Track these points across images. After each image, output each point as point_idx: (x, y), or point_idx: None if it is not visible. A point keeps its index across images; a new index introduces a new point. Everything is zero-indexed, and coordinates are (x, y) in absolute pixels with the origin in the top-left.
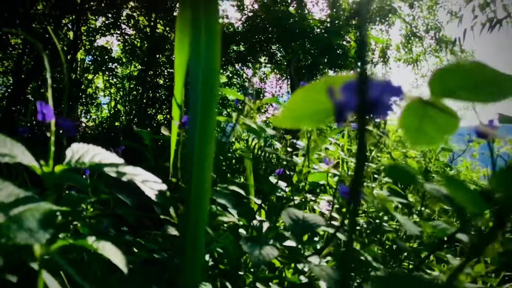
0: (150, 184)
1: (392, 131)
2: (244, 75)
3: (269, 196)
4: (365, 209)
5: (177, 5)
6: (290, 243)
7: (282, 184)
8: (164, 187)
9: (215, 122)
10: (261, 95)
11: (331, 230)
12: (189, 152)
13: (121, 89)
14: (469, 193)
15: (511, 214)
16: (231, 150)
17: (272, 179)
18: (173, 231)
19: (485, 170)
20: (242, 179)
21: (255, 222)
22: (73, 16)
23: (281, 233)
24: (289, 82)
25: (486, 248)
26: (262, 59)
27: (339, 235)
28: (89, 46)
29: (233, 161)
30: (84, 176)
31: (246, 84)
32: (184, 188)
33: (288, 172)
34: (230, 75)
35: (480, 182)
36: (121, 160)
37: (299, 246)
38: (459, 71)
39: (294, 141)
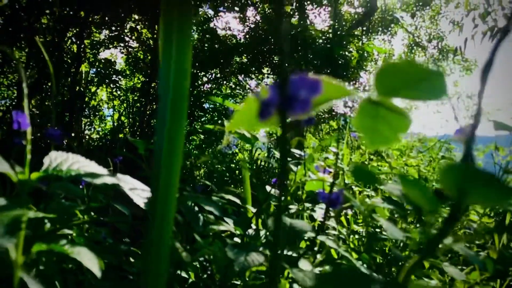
0: (138, 192)
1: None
2: (247, 86)
3: (262, 205)
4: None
5: None
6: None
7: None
8: (146, 194)
9: (183, 136)
10: None
11: (321, 237)
12: (156, 162)
13: (125, 101)
14: (424, 191)
15: (460, 210)
16: (234, 161)
17: (268, 188)
18: None
19: None
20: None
21: (250, 230)
22: (77, 29)
23: (270, 240)
24: None
25: (440, 245)
26: (265, 70)
27: (327, 241)
28: (93, 59)
29: (236, 171)
30: (81, 187)
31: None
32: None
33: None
34: (233, 86)
35: None
36: (103, 169)
37: (291, 253)
38: (396, 71)
39: (294, 150)
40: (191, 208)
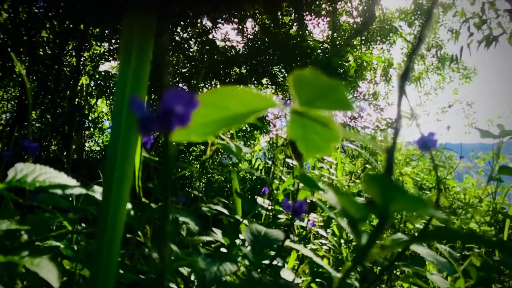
0: None
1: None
2: None
3: (248, 215)
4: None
5: (178, 30)
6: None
7: (267, 202)
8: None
9: (135, 150)
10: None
11: (295, 246)
12: (108, 173)
13: None
14: (352, 200)
15: (387, 218)
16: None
17: (259, 199)
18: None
19: (489, 187)
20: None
21: (238, 240)
22: (76, 42)
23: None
24: (292, 103)
25: (370, 252)
26: (264, 81)
27: (303, 250)
28: (92, 72)
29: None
30: (70, 198)
31: None
32: (145, 206)
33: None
34: None
35: (487, 199)
36: (72, 181)
37: (274, 262)
38: (307, 82)
39: (288, 160)
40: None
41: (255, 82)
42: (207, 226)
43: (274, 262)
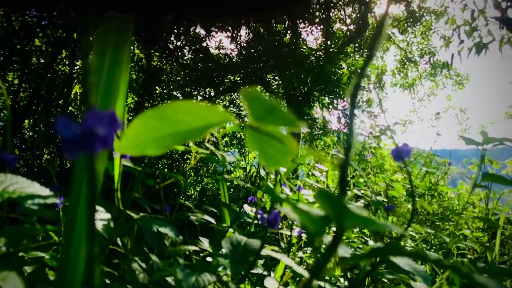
0: (95, 215)
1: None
2: (241, 105)
3: (233, 224)
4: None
5: (172, 38)
6: (257, 270)
7: (254, 211)
8: (105, 216)
9: (105, 157)
10: None
11: (275, 255)
12: (76, 185)
13: None
14: (307, 214)
15: (342, 232)
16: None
17: (246, 207)
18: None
19: (483, 193)
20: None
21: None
22: (69, 51)
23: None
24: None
25: (326, 266)
26: (258, 88)
27: (283, 258)
28: None
29: (231, 189)
30: (57, 209)
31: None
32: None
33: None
34: (227, 104)
35: (481, 205)
36: (45, 190)
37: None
38: (256, 98)
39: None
40: (150, 229)
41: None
42: (197, 234)
43: (260, 271)
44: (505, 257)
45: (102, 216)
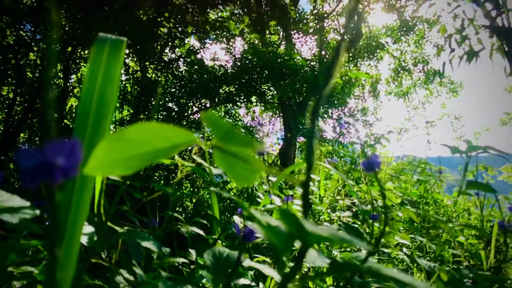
0: None
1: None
2: (236, 115)
3: (221, 236)
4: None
5: (166, 50)
6: (244, 280)
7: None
8: (88, 229)
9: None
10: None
11: (256, 265)
12: (66, 197)
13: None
14: (273, 230)
15: (306, 249)
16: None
17: (236, 218)
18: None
19: (478, 200)
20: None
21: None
22: (64, 65)
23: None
24: (282, 120)
25: (290, 283)
26: (253, 99)
27: (265, 269)
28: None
29: (227, 200)
30: (47, 223)
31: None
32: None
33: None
34: (223, 114)
35: (478, 212)
36: (25, 203)
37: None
38: (215, 121)
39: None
40: (134, 242)
41: (244, 100)
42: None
43: (248, 282)
44: (502, 265)
45: (85, 230)
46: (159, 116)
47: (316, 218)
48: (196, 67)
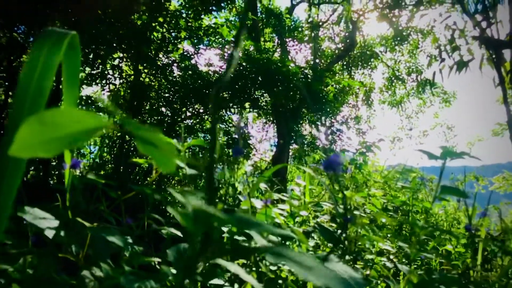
0: (43, 222)
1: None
2: (230, 121)
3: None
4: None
5: (160, 55)
6: (217, 281)
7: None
8: (54, 224)
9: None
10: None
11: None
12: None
13: (106, 138)
14: (186, 215)
15: (211, 235)
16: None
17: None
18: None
19: (470, 209)
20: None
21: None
22: (56, 67)
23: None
24: (275, 127)
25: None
26: (247, 104)
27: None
28: None
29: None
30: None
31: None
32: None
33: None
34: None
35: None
36: None
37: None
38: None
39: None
40: (100, 237)
41: (238, 106)
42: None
43: (222, 282)
44: (488, 273)
45: (50, 224)
46: (152, 120)
47: (298, 223)
48: (190, 72)
